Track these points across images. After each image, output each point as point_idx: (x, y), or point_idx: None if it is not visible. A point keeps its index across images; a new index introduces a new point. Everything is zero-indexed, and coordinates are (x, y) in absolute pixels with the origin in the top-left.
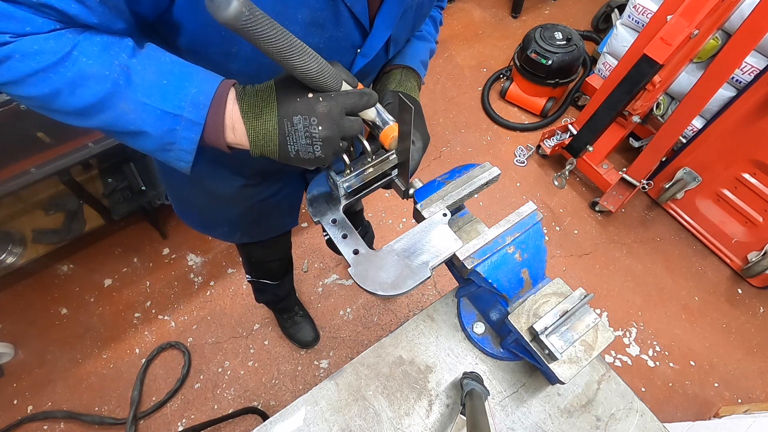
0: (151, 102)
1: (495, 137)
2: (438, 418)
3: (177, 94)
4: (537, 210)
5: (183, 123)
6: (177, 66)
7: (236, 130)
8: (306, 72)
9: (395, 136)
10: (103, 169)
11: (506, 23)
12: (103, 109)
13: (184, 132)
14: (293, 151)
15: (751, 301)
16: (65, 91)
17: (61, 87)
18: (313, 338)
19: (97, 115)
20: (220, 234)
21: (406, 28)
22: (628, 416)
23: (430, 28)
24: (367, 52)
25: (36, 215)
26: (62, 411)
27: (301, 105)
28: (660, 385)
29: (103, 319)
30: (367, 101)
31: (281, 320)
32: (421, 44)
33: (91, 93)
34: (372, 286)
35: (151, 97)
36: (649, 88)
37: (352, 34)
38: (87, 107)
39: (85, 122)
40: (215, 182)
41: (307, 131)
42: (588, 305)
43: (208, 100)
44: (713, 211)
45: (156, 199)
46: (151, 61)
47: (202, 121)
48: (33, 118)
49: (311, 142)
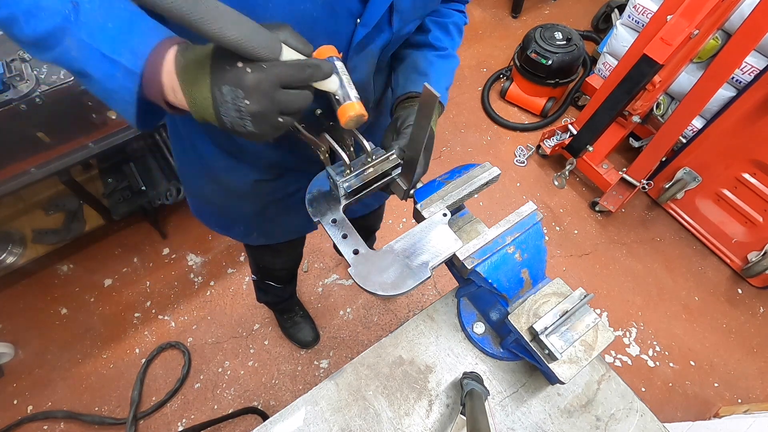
0: (93, 42)
1: (495, 137)
2: (438, 418)
3: (118, 38)
4: (537, 210)
5: (121, 70)
6: (127, 12)
7: (176, 92)
8: (222, 38)
9: (352, 116)
10: (103, 169)
11: (506, 23)
12: (54, 43)
13: (122, 80)
14: (228, 122)
15: (751, 301)
16: (21, 19)
17: (17, 13)
18: (312, 338)
19: (50, 49)
20: (237, 234)
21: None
22: (628, 416)
23: (453, 40)
24: (367, 20)
25: (36, 215)
26: (62, 411)
27: (230, 75)
28: (660, 385)
29: (103, 319)
30: (311, 74)
31: (281, 320)
32: (446, 65)
33: (43, 25)
34: (372, 286)
35: (93, 38)
36: (649, 88)
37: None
38: (39, 38)
39: (41, 55)
40: (230, 176)
41: (235, 104)
42: (588, 305)
43: (147, 50)
44: (713, 211)
45: (156, 199)
46: (104, 2)
47: (139, 71)
48: (33, 118)
49: (241, 116)
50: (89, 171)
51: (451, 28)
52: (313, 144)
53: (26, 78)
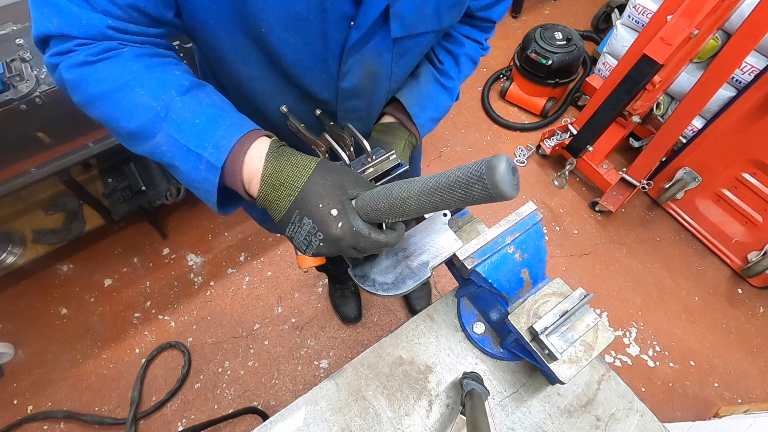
0: (180, 138)
1: (495, 137)
2: (438, 418)
3: (204, 134)
4: (537, 210)
5: (204, 163)
6: (214, 108)
7: (251, 186)
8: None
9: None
10: (103, 169)
11: (506, 23)
12: (145, 137)
13: (206, 173)
14: (289, 234)
15: (751, 301)
16: (119, 116)
17: (116, 113)
18: (355, 316)
19: (141, 142)
20: (267, 225)
21: (421, 10)
22: (628, 416)
23: (461, 72)
24: (360, 23)
25: (36, 215)
26: (62, 411)
27: (320, 215)
28: (660, 385)
29: (103, 319)
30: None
31: (332, 289)
32: (443, 97)
33: (136, 121)
34: (372, 287)
35: (181, 134)
36: (649, 88)
37: (342, 0)
38: (132, 133)
39: (135, 147)
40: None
41: (308, 237)
42: (588, 305)
43: (230, 144)
44: (713, 211)
45: (156, 199)
46: (194, 99)
47: (220, 165)
48: (33, 118)
49: (307, 244)
50: (89, 171)
51: (462, 60)
52: (313, 144)
53: (26, 78)
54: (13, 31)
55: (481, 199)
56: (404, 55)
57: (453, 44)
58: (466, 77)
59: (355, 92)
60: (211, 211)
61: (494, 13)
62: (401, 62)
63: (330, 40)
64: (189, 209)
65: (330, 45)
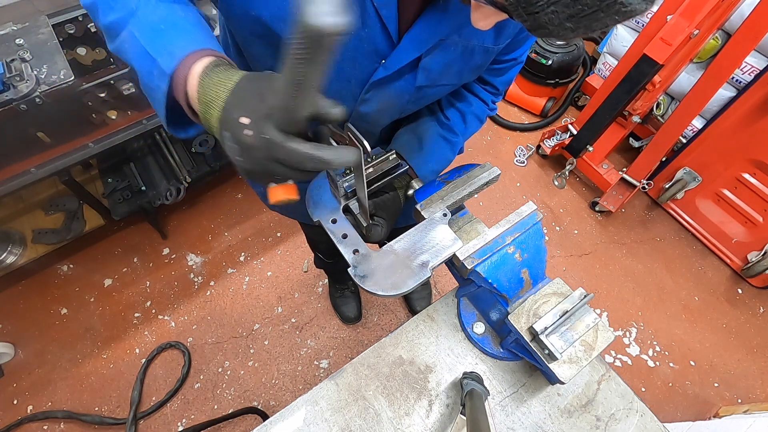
0: (140, 38)
1: (495, 137)
2: (438, 418)
3: (162, 39)
4: (537, 210)
5: (157, 68)
6: (185, 22)
7: (194, 104)
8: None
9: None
10: (103, 169)
11: None
12: (114, 33)
13: (157, 79)
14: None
15: (751, 301)
16: (99, 8)
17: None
18: (355, 316)
19: (112, 39)
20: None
21: (448, 68)
22: (628, 416)
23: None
24: (390, 64)
25: (36, 215)
26: (62, 411)
27: (232, 124)
28: (660, 385)
29: (103, 319)
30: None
31: (332, 289)
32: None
33: (110, 15)
34: (372, 286)
35: (142, 34)
36: (649, 88)
37: (377, 38)
38: (105, 28)
39: (108, 44)
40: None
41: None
42: (588, 305)
43: (183, 54)
44: (713, 211)
45: (156, 199)
46: (169, 8)
47: (169, 72)
48: (33, 118)
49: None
50: (89, 171)
51: (468, 118)
52: None
53: (26, 78)
54: (13, 31)
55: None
56: (421, 99)
57: (461, 102)
58: (472, 134)
59: (367, 117)
60: (211, 212)
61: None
62: (417, 103)
63: (359, 66)
64: (189, 209)
65: (357, 70)
